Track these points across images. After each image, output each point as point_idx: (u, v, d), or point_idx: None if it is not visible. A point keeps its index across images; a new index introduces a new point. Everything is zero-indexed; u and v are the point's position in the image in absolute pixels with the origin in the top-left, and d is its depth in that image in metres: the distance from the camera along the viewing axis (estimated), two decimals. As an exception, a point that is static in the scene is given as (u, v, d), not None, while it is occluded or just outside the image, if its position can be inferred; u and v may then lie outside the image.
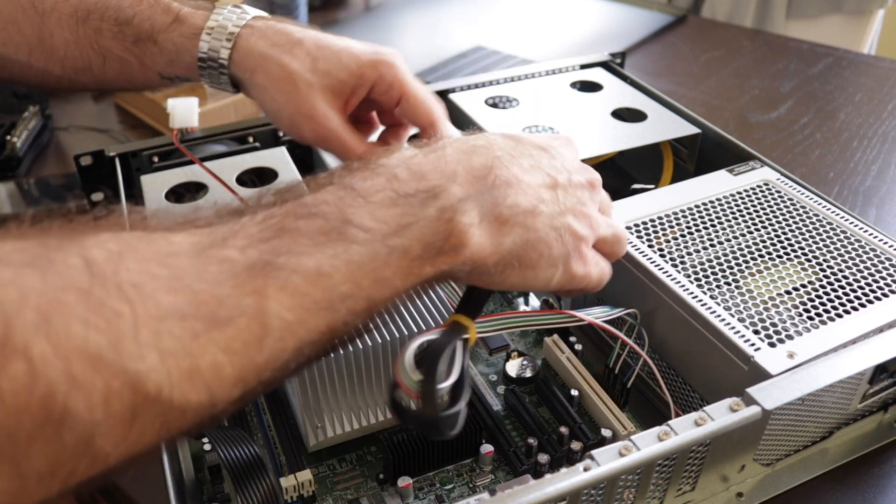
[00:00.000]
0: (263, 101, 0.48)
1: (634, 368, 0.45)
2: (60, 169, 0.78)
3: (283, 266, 0.29)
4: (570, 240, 0.38)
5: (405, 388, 0.34)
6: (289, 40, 0.47)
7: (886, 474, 0.44)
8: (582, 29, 1.12)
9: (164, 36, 0.48)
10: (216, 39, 0.47)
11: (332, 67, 0.47)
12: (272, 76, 0.47)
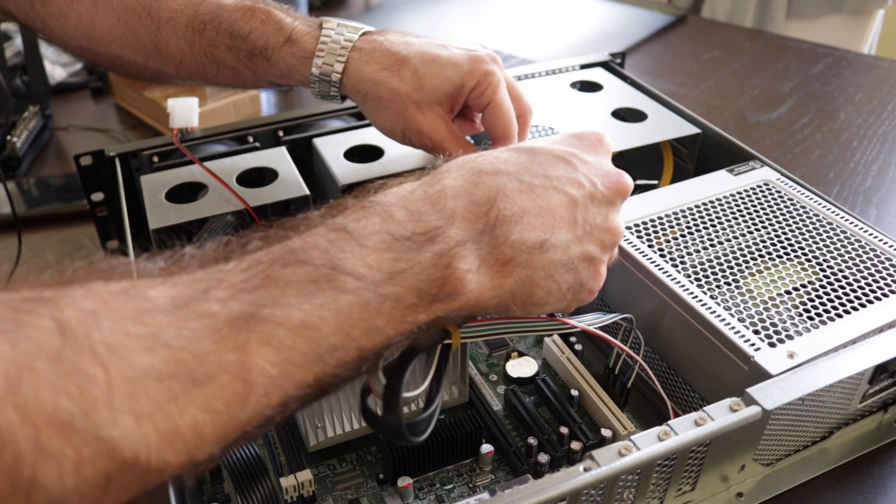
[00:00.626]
0: (376, 120, 0.52)
1: (634, 369, 0.45)
2: (60, 169, 0.78)
3: (267, 318, 0.27)
4: (585, 268, 0.36)
5: (374, 391, 0.33)
6: (395, 61, 0.49)
7: (886, 474, 0.44)
8: (582, 29, 1.12)
9: (277, 55, 0.51)
10: (327, 64, 0.50)
11: (438, 83, 0.49)
12: (383, 100, 0.50)
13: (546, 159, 0.36)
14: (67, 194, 0.72)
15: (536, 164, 0.36)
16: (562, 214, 0.35)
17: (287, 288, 0.29)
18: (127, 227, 0.52)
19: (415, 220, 0.32)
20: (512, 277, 0.34)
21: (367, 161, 0.59)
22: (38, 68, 0.83)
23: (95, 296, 0.26)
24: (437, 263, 0.31)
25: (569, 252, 0.35)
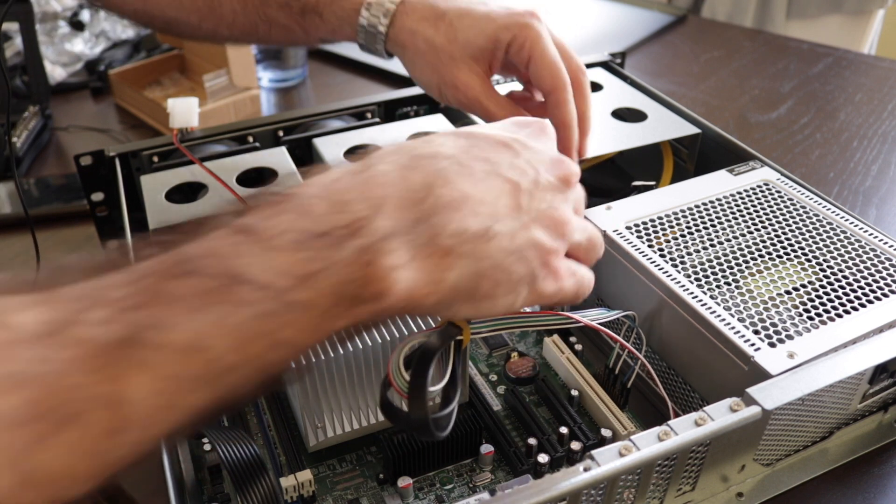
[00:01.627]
0: (413, 73, 0.52)
1: (634, 368, 0.45)
2: (60, 169, 0.78)
3: (148, 342, 0.24)
4: (535, 257, 0.33)
5: (397, 388, 0.33)
6: (434, 13, 0.50)
7: (886, 474, 0.44)
8: (582, 29, 1.12)
9: (328, 10, 0.52)
10: (374, 16, 0.51)
11: (472, 35, 0.49)
12: (419, 51, 0.50)
13: (488, 144, 0.34)
14: (67, 194, 0.72)
15: (478, 148, 0.34)
16: (505, 201, 0.32)
17: (174, 305, 0.25)
18: (127, 227, 0.52)
19: (337, 212, 0.29)
20: (453, 270, 0.30)
21: (367, 161, 0.58)
22: (38, 68, 0.83)
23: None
24: (357, 261, 0.28)
25: (515, 240, 0.32)
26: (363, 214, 0.29)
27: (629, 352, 0.46)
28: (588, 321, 0.43)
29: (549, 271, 0.34)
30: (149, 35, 1.03)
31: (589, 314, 0.44)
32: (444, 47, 0.49)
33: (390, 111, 0.68)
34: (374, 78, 0.97)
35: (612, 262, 0.49)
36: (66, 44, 0.98)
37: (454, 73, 0.50)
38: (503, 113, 0.50)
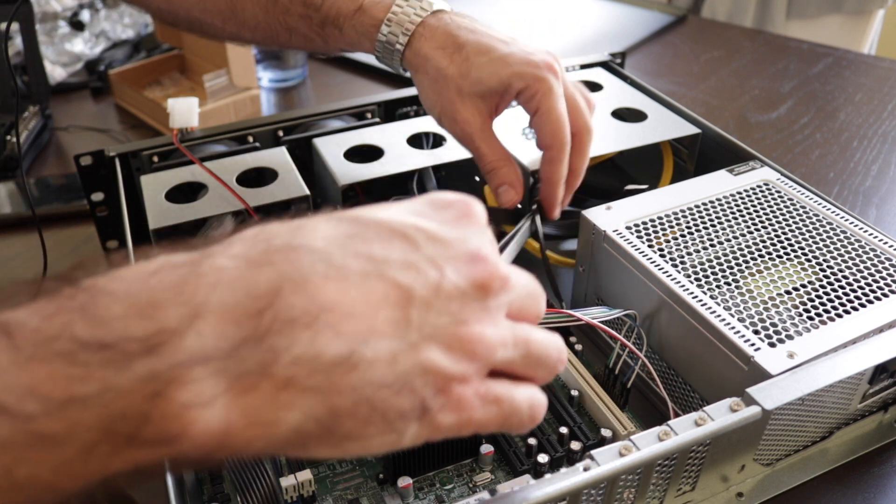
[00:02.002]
0: (421, 95, 0.52)
1: (634, 369, 0.45)
2: (60, 169, 0.78)
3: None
4: (427, 385, 0.25)
5: None
6: (453, 44, 0.49)
7: (886, 474, 0.44)
8: (582, 29, 1.12)
9: (348, 24, 0.51)
10: (393, 34, 0.50)
11: (484, 75, 0.48)
12: (429, 76, 0.50)
13: (377, 233, 0.26)
14: (67, 194, 0.72)
15: (361, 239, 0.26)
16: (388, 314, 0.24)
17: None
18: (127, 227, 0.52)
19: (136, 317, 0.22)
20: (293, 409, 0.23)
21: (367, 161, 0.59)
22: (38, 68, 0.83)
23: None
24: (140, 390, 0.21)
25: (396, 366, 0.24)
26: (172, 325, 0.22)
27: (630, 351, 0.46)
28: (590, 319, 0.44)
29: (449, 401, 0.26)
30: (149, 35, 1.03)
31: (591, 312, 0.44)
32: (454, 80, 0.49)
33: (390, 111, 0.68)
34: (374, 78, 0.97)
35: (612, 262, 0.49)
36: (66, 44, 0.98)
37: (457, 106, 0.49)
38: (493, 156, 0.50)
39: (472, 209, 0.29)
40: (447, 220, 0.28)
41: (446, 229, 0.28)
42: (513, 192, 0.51)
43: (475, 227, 0.29)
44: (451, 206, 0.29)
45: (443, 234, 0.27)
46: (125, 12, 1.07)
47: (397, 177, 0.58)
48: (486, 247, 0.28)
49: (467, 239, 0.28)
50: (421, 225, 0.27)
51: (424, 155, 0.60)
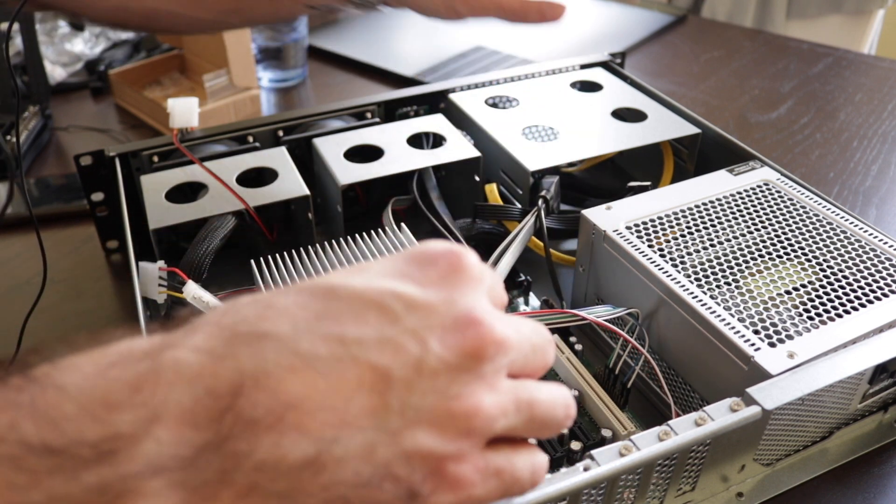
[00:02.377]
0: None
1: (634, 368, 0.45)
2: (60, 169, 0.78)
3: None
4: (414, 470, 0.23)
5: None
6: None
7: (886, 474, 0.44)
8: (582, 29, 1.12)
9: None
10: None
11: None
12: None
13: (349, 308, 0.23)
14: (67, 194, 0.72)
15: (331, 318, 0.23)
16: (363, 401, 0.22)
17: None
18: (127, 227, 0.52)
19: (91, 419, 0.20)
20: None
21: (367, 161, 0.59)
22: (38, 68, 0.83)
23: None
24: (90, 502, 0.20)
25: (373, 459, 0.22)
26: (127, 430, 0.20)
27: (630, 351, 0.46)
28: (594, 318, 0.44)
29: (443, 482, 0.23)
30: (149, 35, 1.03)
31: (594, 311, 0.45)
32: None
33: (390, 111, 0.68)
34: (374, 78, 0.97)
35: (612, 261, 0.49)
36: (66, 44, 0.99)
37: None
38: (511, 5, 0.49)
39: (461, 262, 0.26)
40: (432, 280, 0.25)
41: (430, 292, 0.24)
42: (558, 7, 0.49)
43: (466, 284, 0.25)
44: (437, 262, 0.26)
45: (425, 300, 0.24)
46: (125, 12, 1.07)
47: (397, 177, 0.58)
48: (478, 306, 0.25)
49: (455, 300, 0.24)
50: (400, 291, 0.24)
51: (424, 155, 0.60)
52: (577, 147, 0.60)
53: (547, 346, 0.27)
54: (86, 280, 0.63)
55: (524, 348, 0.26)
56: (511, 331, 0.25)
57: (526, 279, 0.57)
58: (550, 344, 0.28)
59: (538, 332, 0.27)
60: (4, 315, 0.58)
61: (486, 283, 0.26)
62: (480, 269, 0.26)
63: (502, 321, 0.25)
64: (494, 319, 0.25)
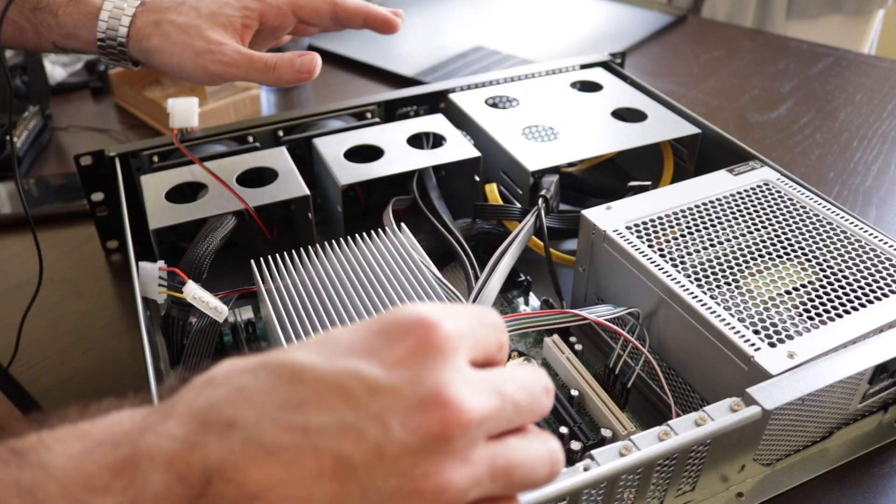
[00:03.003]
0: (164, 60, 0.50)
1: (635, 368, 0.45)
2: (60, 169, 0.78)
3: None
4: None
5: None
6: (174, 2, 0.50)
7: (886, 474, 0.44)
8: (582, 29, 1.12)
9: (64, 10, 0.50)
10: (114, 18, 0.49)
11: (215, 7, 0.49)
12: (166, 34, 0.49)
13: (314, 394, 0.23)
14: (67, 194, 0.72)
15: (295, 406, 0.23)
16: (323, 490, 0.22)
17: None
18: (127, 227, 0.52)
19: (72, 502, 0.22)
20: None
21: (367, 161, 0.59)
22: (38, 68, 0.83)
23: None
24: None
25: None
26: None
27: (629, 351, 0.46)
28: (595, 318, 0.44)
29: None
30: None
31: (596, 311, 0.45)
32: (191, 23, 0.49)
33: (390, 111, 0.68)
34: (374, 78, 0.97)
35: (612, 262, 0.49)
36: (66, 44, 0.98)
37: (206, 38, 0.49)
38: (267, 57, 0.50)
39: (431, 335, 0.24)
40: (399, 357, 0.24)
41: (395, 373, 0.24)
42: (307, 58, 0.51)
43: (436, 358, 0.24)
44: (407, 335, 0.25)
45: (389, 382, 0.23)
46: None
47: (397, 177, 0.58)
48: (447, 384, 0.24)
49: (422, 380, 0.24)
50: (364, 374, 0.24)
51: (424, 155, 0.60)
52: (577, 147, 0.60)
53: (539, 399, 0.27)
54: (86, 280, 0.63)
55: (507, 411, 0.25)
56: (487, 402, 0.24)
57: (526, 279, 0.57)
58: (544, 394, 0.27)
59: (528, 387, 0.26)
60: (4, 315, 0.58)
61: (461, 352, 0.25)
62: (456, 338, 0.25)
63: (478, 393, 0.24)
64: (465, 397, 0.24)
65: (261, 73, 0.50)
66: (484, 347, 0.27)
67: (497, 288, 0.46)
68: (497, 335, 0.28)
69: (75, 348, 0.56)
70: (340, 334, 0.25)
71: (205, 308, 0.47)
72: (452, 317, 0.26)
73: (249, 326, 0.52)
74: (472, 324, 0.26)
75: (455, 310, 0.26)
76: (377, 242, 0.51)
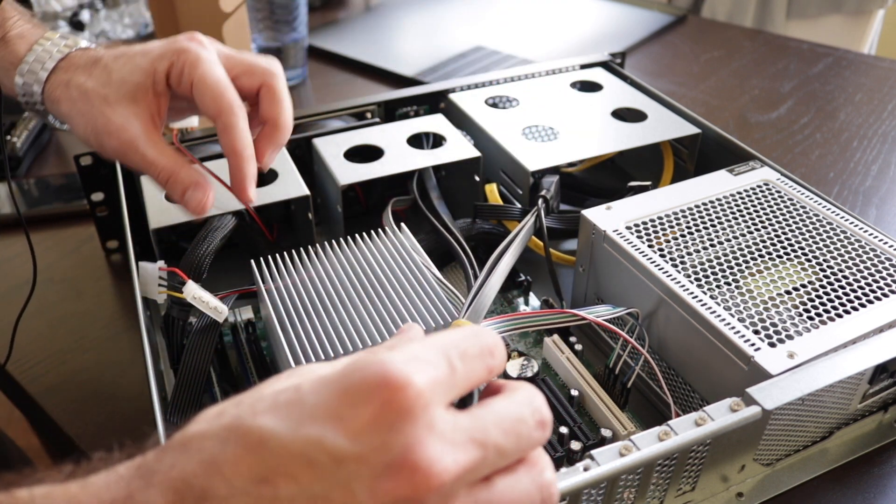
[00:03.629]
0: (73, 128, 0.45)
1: (635, 368, 0.45)
2: (60, 169, 0.78)
3: None
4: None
5: None
6: (90, 60, 0.45)
7: (886, 474, 0.44)
8: (582, 29, 1.12)
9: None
10: (32, 72, 0.45)
11: (126, 73, 0.43)
12: (72, 100, 0.44)
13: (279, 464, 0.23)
14: (67, 194, 0.72)
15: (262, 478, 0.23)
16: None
17: None
18: (127, 227, 0.52)
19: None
20: None
21: (367, 161, 0.59)
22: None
23: None
24: None
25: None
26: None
27: (630, 351, 0.46)
28: (594, 318, 0.44)
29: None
30: (149, 35, 1.03)
31: (595, 311, 0.45)
32: (97, 91, 0.43)
33: (390, 111, 0.68)
34: (374, 78, 0.97)
35: (612, 262, 0.49)
36: (66, 44, 0.98)
37: (107, 115, 0.43)
38: (165, 162, 0.43)
39: (397, 397, 0.23)
40: (364, 423, 0.23)
41: (360, 441, 0.23)
42: (200, 193, 0.44)
43: (403, 421, 0.23)
44: (371, 398, 0.24)
45: (353, 451, 0.23)
46: (125, 12, 1.07)
47: (397, 177, 0.58)
48: (414, 448, 0.23)
49: (387, 445, 0.23)
50: (328, 443, 0.23)
51: (424, 155, 0.60)
52: (577, 147, 0.60)
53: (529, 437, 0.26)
54: (86, 280, 0.63)
55: (489, 460, 0.25)
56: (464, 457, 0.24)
57: (526, 279, 0.57)
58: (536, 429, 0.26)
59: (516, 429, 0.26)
60: (3, 315, 0.58)
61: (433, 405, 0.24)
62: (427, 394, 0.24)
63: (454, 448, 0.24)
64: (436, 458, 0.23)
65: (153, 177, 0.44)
66: (466, 384, 0.26)
67: (496, 288, 0.46)
68: (484, 363, 0.26)
69: (75, 348, 0.56)
70: (306, 394, 0.25)
71: (205, 308, 0.47)
72: (424, 366, 0.24)
73: (249, 326, 0.52)
74: (452, 363, 0.25)
75: (429, 353, 0.25)
76: (377, 242, 0.51)
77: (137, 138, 0.43)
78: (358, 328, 0.44)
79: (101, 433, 0.49)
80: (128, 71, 0.43)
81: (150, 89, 0.43)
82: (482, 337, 0.27)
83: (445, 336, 0.26)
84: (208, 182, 0.44)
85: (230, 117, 0.43)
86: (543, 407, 0.26)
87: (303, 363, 0.41)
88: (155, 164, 0.43)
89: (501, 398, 0.26)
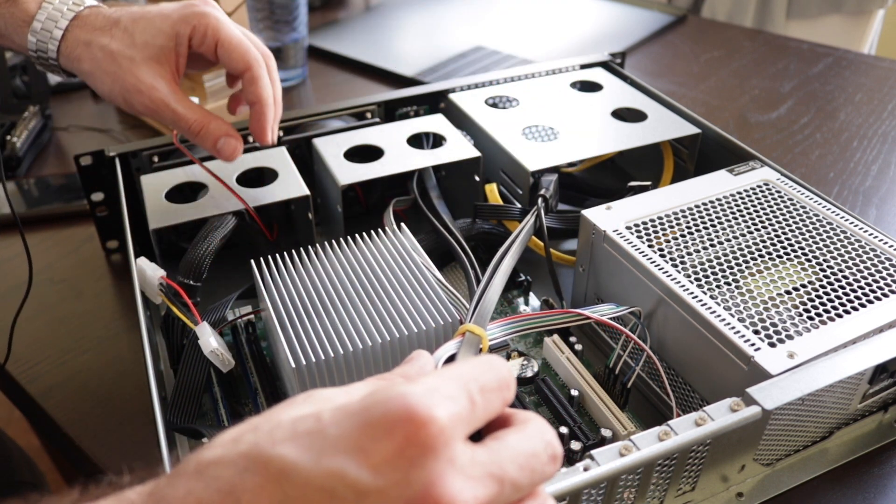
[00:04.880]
0: (95, 86, 0.49)
1: (635, 368, 0.46)
2: (60, 169, 0.78)
3: None
4: None
5: None
6: (108, 22, 0.48)
7: (886, 474, 0.44)
8: (582, 29, 1.12)
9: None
10: (46, 30, 0.47)
11: (149, 36, 0.47)
12: (97, 60, 0.47)
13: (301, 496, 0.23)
14: (67, 194, 0.72)
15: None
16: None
17: None
18: (127, 227, 0.52)
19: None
20: None
21: (367, 161, 0.59)
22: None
23: None
24: None
25: None
26: None
27: (630, 351, 0.46)
28: (598, 316, 0.44)
29: None
30: None
31: (598, 310, 0.45)
32: (122, 52, 0.47)
33: (390, 111, 0.68)
34: (374, 78, 0.97)
35: (612, 262, 0.49)
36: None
37: (136, 75, 0.47)
38: (194, 115, 0.48)
39: (421, 433, 0.23)
40: (385, 458, 0.23)
41: (383, 475, 0.23)
42: (233, 141, 0.50)
43: (425, 456, 0.23)
44: (392, 433, 0.23)
45: (375, 486, 0.23)
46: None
47: (397, 177, 0.58)
48: (436, 484, 0.23)
49: (410, 480, 0.23)
50: (350, 477, 0.23)
51: (424, 155, 0.60)
52: (577, 147, 0.60)
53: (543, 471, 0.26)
54: (86, 280, 0.63)
55: (504, 495, 0.25)
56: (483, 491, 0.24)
57: (526, 279, 0.57)
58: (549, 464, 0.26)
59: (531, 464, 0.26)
60: (2, 315, 0.58)
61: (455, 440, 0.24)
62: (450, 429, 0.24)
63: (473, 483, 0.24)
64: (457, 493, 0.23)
65: (183, 130, 0.49)
66: (485, 417, 0.26)
67: (499, 291, 0.46)
68: (501, 396, 0.26)
69: (75, 348, 0.56)
70: (327, 424, 0.24)
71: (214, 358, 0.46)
72: (445, 401, 0.24)
73: (249, 326, 0.52)
74: (473, 398, 0.25)
75: (450, 387, 0.25)
76: (377, 242, 0.51)
77: (167, 96, 0.47)
78: (358, 328, 0.44)
79: (100, 433, 0.49)
80: (151, 34, 0.47)
81: (173, 51, 0.48)
82: (499, 370, 0.27)
83: (463, 368, 0.26)
84: (237, 132, 0.50)
85: (258, 69, 0.49)
86: (555, 440, 0.27)
87: (303, 363, 0.41)
88: (185, 118, 0.48)
89: (515, 431, 0.26)
